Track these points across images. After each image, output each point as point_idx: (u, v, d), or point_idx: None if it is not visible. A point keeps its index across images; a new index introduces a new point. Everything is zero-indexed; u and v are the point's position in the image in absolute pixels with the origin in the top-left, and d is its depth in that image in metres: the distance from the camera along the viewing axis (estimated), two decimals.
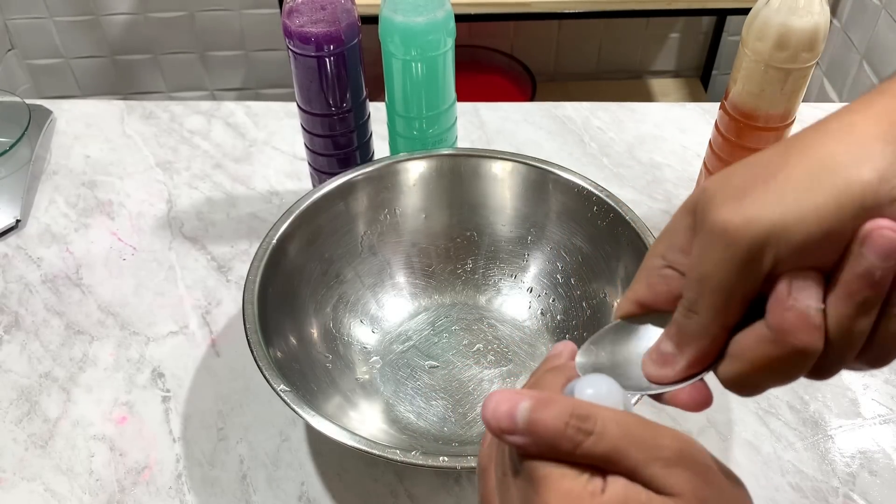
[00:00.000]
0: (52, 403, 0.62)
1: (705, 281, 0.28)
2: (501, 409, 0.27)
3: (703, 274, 0.28)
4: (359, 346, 0.63)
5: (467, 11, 1.43)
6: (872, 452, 0.58)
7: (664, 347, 0.31)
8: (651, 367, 0.31)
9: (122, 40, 1.80)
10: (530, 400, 0.27)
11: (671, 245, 0.31)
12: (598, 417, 0.27)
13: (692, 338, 0.30)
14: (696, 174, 0.75)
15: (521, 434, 0.27)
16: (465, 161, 0.65)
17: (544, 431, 0.27)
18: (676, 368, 0.30)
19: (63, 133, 0.86)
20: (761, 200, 0.27)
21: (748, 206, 0.27)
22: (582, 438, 0.27)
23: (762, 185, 0.27)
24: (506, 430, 0.28)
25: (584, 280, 0.63)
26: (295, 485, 0.56)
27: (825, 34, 0.59)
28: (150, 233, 0.75)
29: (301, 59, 0.64)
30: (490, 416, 0.28)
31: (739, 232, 0.27)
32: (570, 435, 0.27)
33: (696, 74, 1.94)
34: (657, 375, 0.31)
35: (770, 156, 0.29)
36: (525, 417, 0.27)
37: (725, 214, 0.27)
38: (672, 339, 0.30)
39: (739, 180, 0.28)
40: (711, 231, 0.28)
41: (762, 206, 0.27)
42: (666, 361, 0.31)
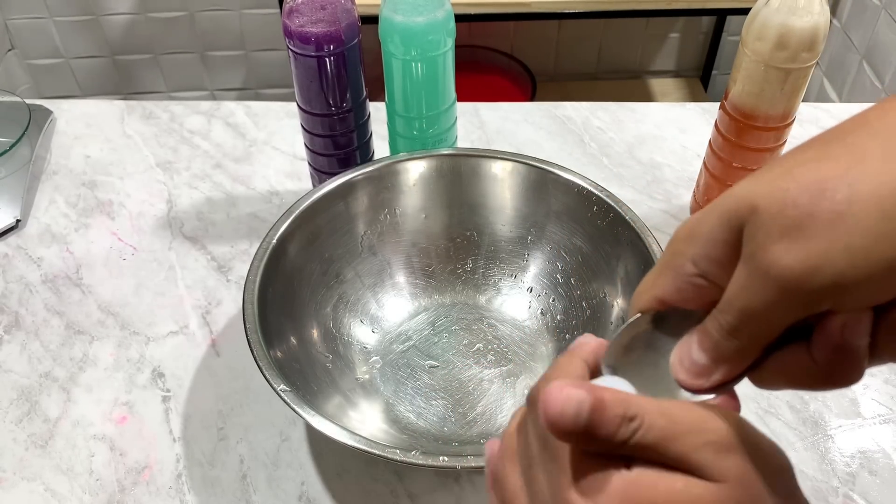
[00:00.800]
0: (52, 403, 0.62)
1: (752, 314, 0.27)
2: (569, 410, 0.26)
3: (750, 308, 0.27)
4: (359, 346, 0.63)
5: (467, 11, 1.43)
6: (872, 452, 0.58)
7: (698, 358, 0.30)
8: (684, 374, 0.30)
9: (122, 40, 1.81)
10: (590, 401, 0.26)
11: (705, 255, 0.29)
12: (644, 415, 0.27)
13: (730, 358, 0.29)
14: (696, 174, 0.75)
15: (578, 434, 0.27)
16: (465, 161, 0.65)
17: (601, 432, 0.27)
18: (711, 380, 0.30)
19: (63, 133, 0.86)
20: (827, 248, 0.24)
21: (812, 253, 0.24)
22: (629, 435, 0.27)
23: (827, 226, 0.24)
24: (567, 431, 0.27)
25: (584, 280, 0.63)
26: (295, 485, 0.56)
27: (825, 34, 0.59)
28: (150, 233, 0.75)
29: (301, 59, 0.64)
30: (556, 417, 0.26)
31: (801, 282, 0.25)
32: (620, 435, 0.27)
33: (696, 74, 1.94)
34: (692, 385, 0.30)
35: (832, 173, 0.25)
36: (586, 419, 0.26)
37: (785, 257, 0.25)
38: (707, 354, 0.29)
39: (798, 211, 0.25)
40: (767, 270, 0.25)
41: (827, 254, 0.24)
42: (700, 373, 0.30)
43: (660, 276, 0.31)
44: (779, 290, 0.25)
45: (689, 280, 0.29)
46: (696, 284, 0.29)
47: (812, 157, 0.26)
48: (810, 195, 0.25)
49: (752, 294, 0.26)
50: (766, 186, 0.26)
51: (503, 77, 1.77)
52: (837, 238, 0.24)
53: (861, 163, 0.25)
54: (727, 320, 0.28)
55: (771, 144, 0.66)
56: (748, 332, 0.27)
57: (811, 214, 0.25)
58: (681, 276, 0.30)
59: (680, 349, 0.31)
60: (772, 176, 0.26)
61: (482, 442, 0.57)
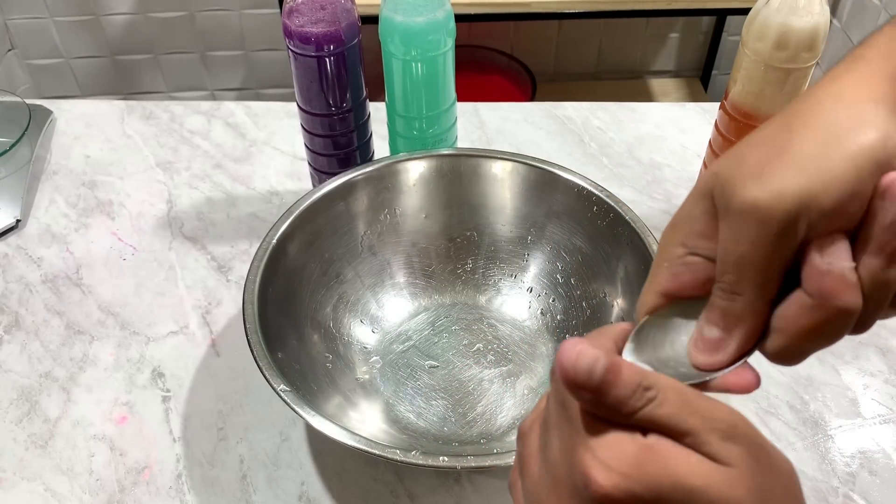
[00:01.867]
0: (52, 403, 0.62)
1: (744, 261, 0.29)
2: (582, 364, 0.27)
3: (740, 255, 0.29)
4: (359, 346, 0.63)
5: (467, 11, 1.43)
6: (872, 452, 0.58)
7: (710, 333, 0.31)
8: (700, 356, 0.31)
9: (122, 40, 1.80)
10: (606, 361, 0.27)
11: (690, 232, 0.31)
12: (661, 387, 0.28)
13: (740, 318, 0.30)
14: (696, 174, 0.75)
15: (591, 392, 0.27)
16: (465, 161, 0.65)
17: (614, 394, 0.27)
18: (729, 351, 0.30)
19: (63, 133, 0.86)
20: (783, 174, 0.28)
21: (773, 182, 0.28)
22: (643, 404, 0.27)
23: (778, 161, 0.28)
24: (579, 384, 0.27)
25: (584, 280, 0.63)
26: (295, 485, 0.56)
27: (825, 34, 0.59)
28: (150, 233, 0.75)
29: (301, 59, 0.64)
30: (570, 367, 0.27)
31: (771, 207, 0.28)
32: (634, 401, 0.27)
33: (696, 74, 1.94)
34: (709, 363, 0.31)
35: (773, 132, 0.30)
36: (600, 378, 0.27)
37: (753, 193, 0.28)
38: (718, 324, 0.30)
39: (752, 159, 0.29)
40: (741, 212, 0.28)
41: (786, 180, 0.28)
42: (716, 347, 0.31)
43: (655, 272, 0.33)
44: (758, 222, 0.28)
45: (681, 262, 0.32)
46: (688, 264, 0.31)
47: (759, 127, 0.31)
48: (759, 148, 0.29)
49: (738, 239, 0.29)
50: (723, 159, 0.30)
51: (503, 77, 1.77)
52: (790, 166, 0.28)
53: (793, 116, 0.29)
54: (726, 280, 0.30)
55: None
56: (748, 283, 0.29)
57: (762, 158, 0.29)
58: (673, 261, 0.32)
59: (693, 337, 0.32)
60: (727, 152, 0.31)
61: (482, 442, 0.57)
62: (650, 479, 0.26)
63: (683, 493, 0.26)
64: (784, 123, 0.30)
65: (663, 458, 0.27)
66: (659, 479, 0.26)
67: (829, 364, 0.64)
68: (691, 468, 0.26)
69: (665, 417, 0.27)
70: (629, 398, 0.27)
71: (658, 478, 0.26)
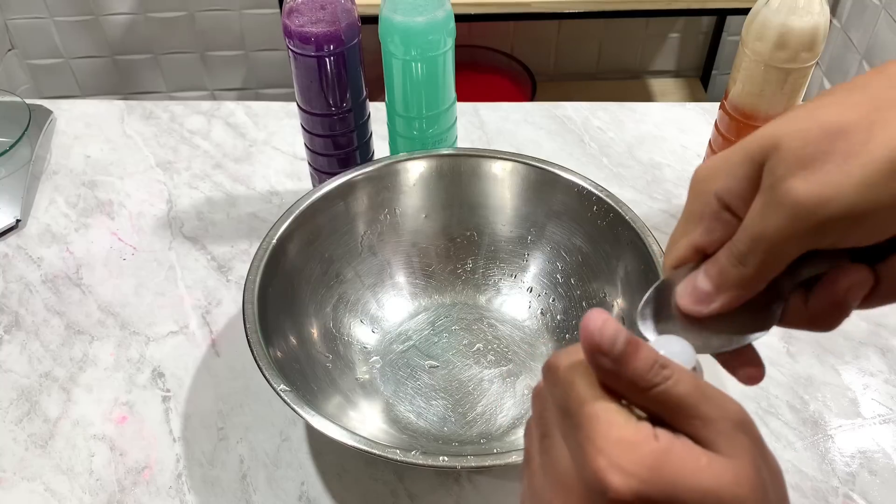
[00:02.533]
0: (52, 403, 0.62)
1: (764, 241, 0.28)
2: (608, 331, 0.27)
3: (763, 234, 0.28)
4: (359, 346, 0.63)
5: (467, 11, 1.43)
6: (872, 452, 0.58)
7: (702, 285, 0.31)
8: (686, 299, 0.32)
9: (122, 40, 1.80)
10: (627, 334, 0.28)
11: (729, 189, 0.30)
12: (676, 368, 0.28)
13: (734, 286, 0.30)
14: None
15: (611, 360, 0.27)
16: (465, 161, 0.65)
17: (632, 366, 0.27)
18: (711, 307, 0.31)
19: (63, 133, 0.86)
20: (840, 179, 0.26)
21: (827, 183, 0.26)
22: (659, 381, 0.27)
23: (842, 161, 0.27)
24: (602, 350, 0.27)
25: (584, 280, 0.63)
26: (295, 485, 0.56)
27: (825, 34, 0.59)
28: (150, 233, 0.75)
29: (301, 59, 0.64)
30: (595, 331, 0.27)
31: (813, 209, 0.27)
32: (651, 377, 0.27)
33: (696, 74, 1.94)
34: (691, 309, 0.31)
35: (852, 118, 0.27)
36: (621, 348, 0.27)
37: (801, 186, 0.27)
38: (712, 280, 0.31)
39: (817, 147, 0.27)
40: (782, 199, 0.27)
41: (841, 187, 0.26)
42: (701, 299, 0.31)
43: (688, 222, 0.32)
44: (792, 216, 0.27)
45: (717, 216, 0.31)
46: (723, 220, 0.31)
47: (834, 101, 0.28)
48: (830, 135, 0.27)
49: (766, 221, 0.28)
50: (788, 126, 0.28)
51: (503, 77, 1.77)
52: (851, 173, 0.26)
53: (879, 111, 0.27)
54: (738, 247, 0.29)
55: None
56: (756, 259, 0.29)
57: (828, 152, 0.27)
58: (709, 213, 0.31)
59: (687, 280, 0.32)
60: (795, 117, 0.28)
61: (482, 442, 0.57)
62: (667, 483, 0.26)
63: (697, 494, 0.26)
64: (868, 113, 0.27)
65: (679, 461, 0.27)
66: (675, 482, 0.26)
67: (829, 364, 0.64)
68: (704, 470, 0.26)
69: (679, 397, 0.27)
70: (647, 372, 0.27)
71: (674, 481, 0.26)
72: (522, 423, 0.58)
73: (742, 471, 0.27)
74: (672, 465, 0.26)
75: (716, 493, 0.26)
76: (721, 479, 0.26)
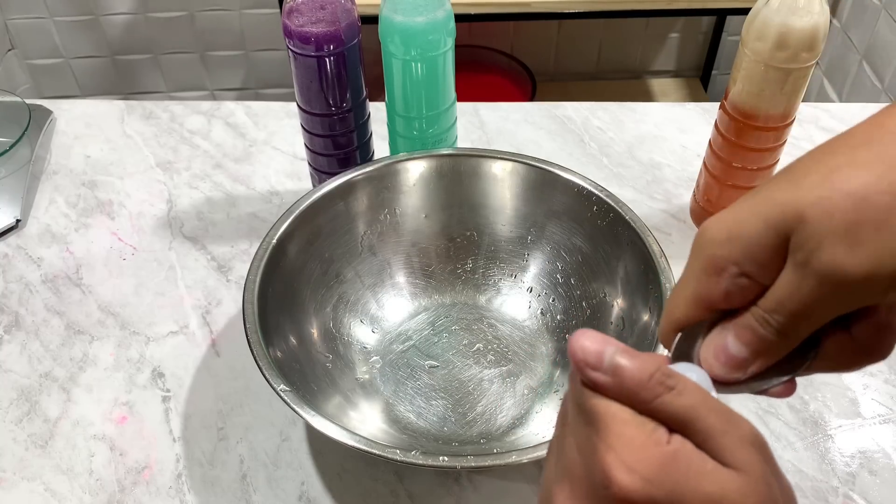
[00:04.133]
0: (52, 403, 0.62)
1: (804, 314, 0.28)
2: (591, 347, 0.27)
3: (805, 309, 0.28)
4: (359, 346, 0.63)
5: (467, 11, 1.43)
6: (872, 452, 0.58)
7: (737, 351, 0.30)
8: (720, 368, 0.31)
9: (122, 40, 1.80)
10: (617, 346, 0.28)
11: (748, 258, 0.29)
12: (682, 380, 0.28)
13: (771, 352, 0.30)
14: (696, 174, 0.75)
15: (605, 373, 0.27)
16: (465, 161, 0.65)
17: (629, 376, 0.27)
18: (748, 372, 0.31)
19: (63, 133, 0.86)
20: (879, 249, 0.26)
21: (864, 255, 0.26)
22: (662, 391, 0.27)
23: (875, 230, 0.26)
24: (591, 365, 0.27)
25: (584, 280, 0.63)
26: (295, 485, 0.56)
27: (825, 34, 0.59)
28: (150, 233, 0.75)
29: (301, 59, 0.64)
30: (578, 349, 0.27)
31: (860, 282, 0.27)
32: (652, 386, 0.27)
33: (696, 74, 1.94)
34: (727, 377, 0.31)
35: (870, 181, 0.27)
36: (611, 360, 0.27)
37: (842, 262, 0.27)
38: (747, 346, 0.30)
39: (845, 217, 0.27)
40: (824, 273, 0.27)
41: (881, 256, 0.26)
42: (739, 366, 0.31)
43: (700, 283, 0.31)
44: (837, 289, 0.27)
45: (734, 282, 0.30)
46: (741, 287, 0.30)
47: (844, 161, 0.28)
48: (854, 203, 0.27)
49: (806, 296, 0.28)
50: (809, 195, 0.28)
51: (503, 77, 1.77)
52: (887, 240, 0.26)
53: (892, 169, 0.27)
54: (778, 320, 0.29)
55: (771, 144, 0.66)
56: (798, 331, 0.29)
57: (858, 222, 0.27)
58: (726, 278, 0.30)
59: (713, 346, 0.31)
60: (811, 184, 0.28)
61: (482, 442, 0.57)
62: (671, 484, 0.26)
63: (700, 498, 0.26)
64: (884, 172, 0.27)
65: (686, 464, 0.27)
66: (679, 484, 0.26)
67: None
68: (709, 475, 0.27)
69: (684, 409, 0.27)
70: (647, 381, 0.27)
71: (678, 484, 0.26)
72: (522, 423, 0.58)
73: (749, 485, 0.27)
74: (678, 468, 0.27)
75: (720, 499, 0.26)
76: (725, 486, 0.26)
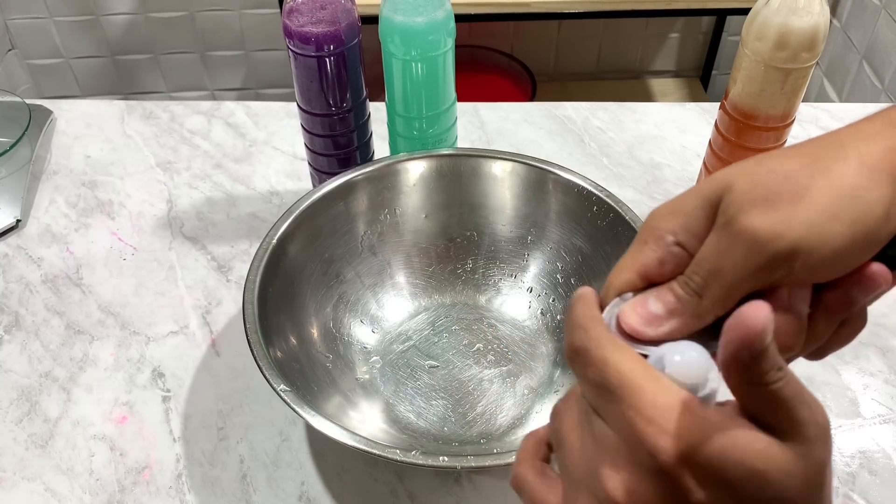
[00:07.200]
0: (52, 403, 0.62)
1: (720, 275, 0.30)
2: (768, 333, 0.26)
3: (720, 268, 0.30)
4: (359, 346, 0.63)
5: (467, 11, 1.43)
6: (872, 452, 0.58)
7: (654, 308, 0.32)
8: (635, 319, 0.32)
9: (122, 40, 1.81)
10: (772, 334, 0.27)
11: (684, 227, 0.32)
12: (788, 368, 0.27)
13: (687, 314, 0.32)
14: (696, 174, 0.75)
15: (751, 356, 0.27)
16: (465, 161, 0.65)
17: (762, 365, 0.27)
18: (659, 331, 0.32)
19: (63, 133, 0.86)
20: (791, 216, 0.29)
21: (778, 219, 0.29)
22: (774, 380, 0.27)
23: (790, 201, 0.30)
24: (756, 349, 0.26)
25: (584, 280, 0.63)
26: (295, 485, 0.56)
27: (825, 34, 0.59)
28: (150, 233, 0.75)
29: (301, 59, 0.64)
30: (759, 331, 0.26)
31: (768, 241, 0.29)
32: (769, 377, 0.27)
33: (696, 74, 1.94)
34: (638, 329, 0.32)
35: (796, 168, 0.31)
36: (766, 344, 0.26)
37: (755, 221, 0.30)
38: (665, 305, 0.32)
39: (766, 189, 0.30)
40: (739, 233, 0.30)
41: (791, 223, 0.29)
42: (651, 321, 0.32)
43: (640, 252, 0.33)
44: (746, 250, 0.30)
45: (669, 250, 0.33)
46: (675, 255, 0.33)
47: (780, 153, 0.32)
48: (777, 178, 0.30)
49: (722, 255, 0.30)
50: (740, 170, 0.32)
51: (503, 77, 1.77)
52: (799, 212, 0.29)
53: (818, 161, 0.31)
54: (694, 280, 0.31)
55: (771, 144, 0.66)
56: (713, 294, 0.31)
57: (778, 193, 0.30)
58: (662, 247, 0.33)
59: (634, 301, 0.33)
60: (745, 163, 0.32)
61: (482, 442, 0.57)
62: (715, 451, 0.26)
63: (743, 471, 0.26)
64: (809, 163, 0.31)
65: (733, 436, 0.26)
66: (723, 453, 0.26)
67: (829, 364, 0.64)
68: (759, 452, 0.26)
69: (784, 399, 0.27)
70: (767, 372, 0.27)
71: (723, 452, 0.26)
72: (522, 423, 0.58)
73: (800, 469, 0.26)
74: (725, 438, 0.26)
75: (763, 475, 0.26)
76: (772, 463, 0.26)
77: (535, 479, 0.33)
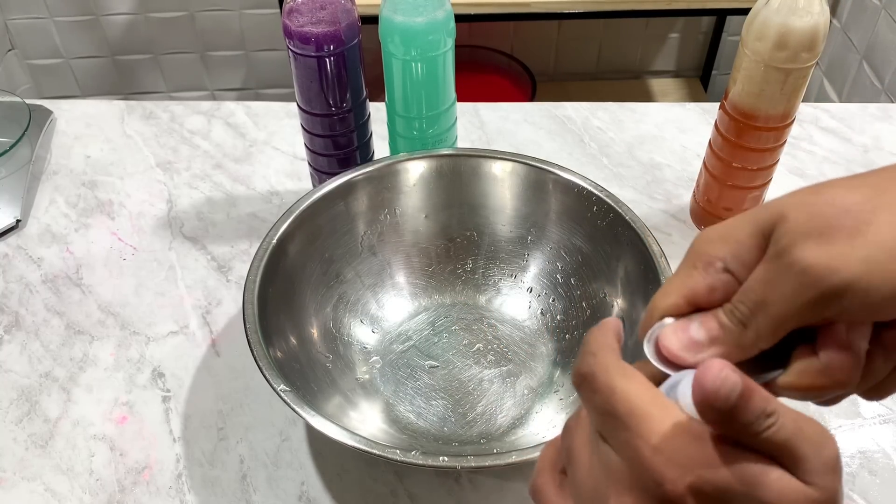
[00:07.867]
0: (52, 403, 0.62)
1: (767, 307, 0.29)
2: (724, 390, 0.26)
3: (767, 300, 0.29)
4: (359, 346, 0.63)
5: (467, 11, 1.43)
6: (872, 452, 0.58)
7: (695, 334, 0.31)
8: (674, 342, 0.31)
9: (122, 40, 1.80)
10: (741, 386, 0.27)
11: (734, 255, 0.31)
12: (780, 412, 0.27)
13: (729, 343, 0.31)
14: (696, 174, 0.75)
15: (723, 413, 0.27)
16: (465, 161, 0.65)
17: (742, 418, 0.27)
18: (697, 358, 0.31)
19: (63, 133, 0.86)
20: (848, 252, 0.28)
21: (834, 254, 0.28)
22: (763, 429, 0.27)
23: (848, 236, 0.28)
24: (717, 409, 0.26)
25: (583, 280, 0.63)
26: (295, 485, 0.56)
27: (825, 34, 0.59)
28: (150, 233, 0.75)
29: (301, 59, 0.64)
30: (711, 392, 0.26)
31: (820, 277, 0.28)
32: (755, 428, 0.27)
33: (696, 74, 1.94)
34: (677, 355, 0.31)
35: (857, 199, 0.29)
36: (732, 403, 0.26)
37: (809, 255, 0.28)
38: (708, 332, 0.31)
39: (824, 221, 0.29)
40: (790, 266, 0.28)
41: (848, 259, 0.28)
42: (691, 347, 0.31)
43: (688, 276, 0.32)
44: (798, 283, 0.28)
45: (718, 276, 0.31)
46: (724, 283, 0.31)
47: (838, 184, 0.30)
48: (836, 210, 0.29)
49: (770, 286, 0.29)
50: (795, 200, 0.30)
51: (503, 77, 1.77)
52: (857, 248, 0.28)
53: (882, 194, 0.29)
54: (741, 309, 0.30)
55: (771, 144, 0.66)
56: (759, 326, 0.30)
57: (835, 227, 0.28)
58: (711, 273, 0.31)
59: (676, 324, 0.32)
60: (801, 193, 0.30)
61: (482, 442, 0.57)
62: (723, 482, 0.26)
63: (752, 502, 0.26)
64: (872, 196, 0.29)
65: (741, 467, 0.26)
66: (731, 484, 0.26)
67: None
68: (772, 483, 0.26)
69: (781, 442, 0.27)
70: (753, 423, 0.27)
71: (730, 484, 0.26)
72: (522, 423, 0.58)
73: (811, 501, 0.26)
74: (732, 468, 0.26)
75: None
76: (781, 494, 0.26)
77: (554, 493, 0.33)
